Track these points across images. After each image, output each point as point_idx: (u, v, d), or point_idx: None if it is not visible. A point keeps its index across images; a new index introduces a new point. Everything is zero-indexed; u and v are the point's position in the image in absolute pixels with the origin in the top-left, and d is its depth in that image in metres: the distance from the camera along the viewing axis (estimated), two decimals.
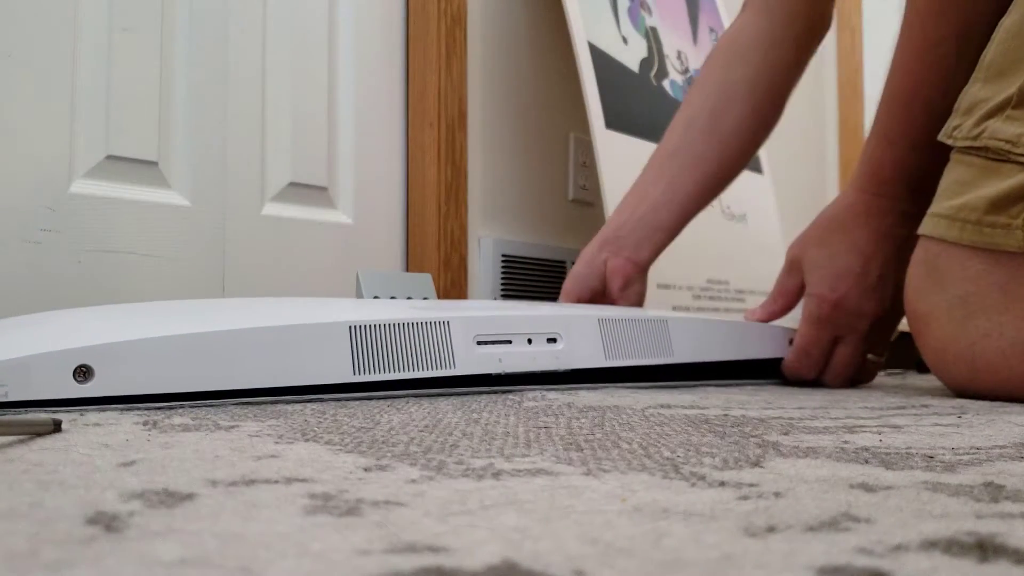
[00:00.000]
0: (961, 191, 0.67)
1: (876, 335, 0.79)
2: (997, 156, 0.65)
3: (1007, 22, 0.68)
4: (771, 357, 0.79)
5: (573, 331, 0.66)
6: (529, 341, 0.64)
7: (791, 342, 0.80)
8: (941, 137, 0.71)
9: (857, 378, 0.81)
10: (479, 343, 0.62)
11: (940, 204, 0.69)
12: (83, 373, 0.48)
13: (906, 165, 0.76)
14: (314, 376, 0.55)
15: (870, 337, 0.79)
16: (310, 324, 0.54)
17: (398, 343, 0.58)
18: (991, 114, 0.66)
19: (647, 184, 0.92)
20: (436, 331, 0.60)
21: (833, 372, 0.79)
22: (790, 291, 0.82)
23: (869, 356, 0.80)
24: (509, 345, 0.63)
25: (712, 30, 1.54)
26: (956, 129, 0.69)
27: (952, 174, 0.69)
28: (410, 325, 0.59)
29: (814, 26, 0.95)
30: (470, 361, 0.61)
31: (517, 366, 0.63)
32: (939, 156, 0.71)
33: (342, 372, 0.56)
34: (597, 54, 1.22)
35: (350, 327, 0.56)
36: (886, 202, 0.77)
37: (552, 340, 0.65)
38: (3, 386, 0.45)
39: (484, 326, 0.62)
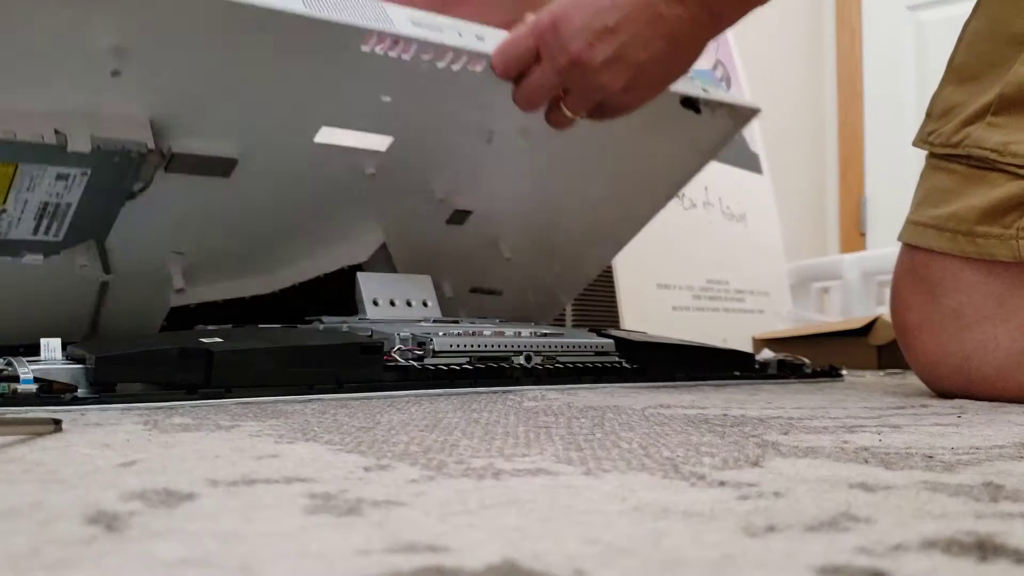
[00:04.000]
0: (945, 199, 0.66)
1: (576, 87, 0.71)
2: (981, 164, 0.65)
3: (973, 24, 0.67)
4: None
5: (499, 36, 0.72)
6: (459, 34, 0.70)
7: None
8: (915, 143, 0.70)
9: (547, 116, 0.74)
10: (414, 24, 0.68)
11: (923, 212, 0.68)
12: None
13: None
14: None
15: (566, 81, 0.71)
16: None
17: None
18: (970, 120, 0.65)
19: None
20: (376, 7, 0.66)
21: (521, 87, 0.72)
22: None
23: (564, 106, 0.73)
24: (443, 31, 0.70)
25: None
26: (933, 135, 0.68)
27: (931, 181, 0.68)
28: None
29: None
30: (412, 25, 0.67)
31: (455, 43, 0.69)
32: None
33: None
34: None
35: None
36: None
37: (480, 38, 0.71)
38: None
39: (420, 17, 0.69)
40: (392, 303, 0.78)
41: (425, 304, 0.80)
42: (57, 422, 0.39)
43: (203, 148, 0.64)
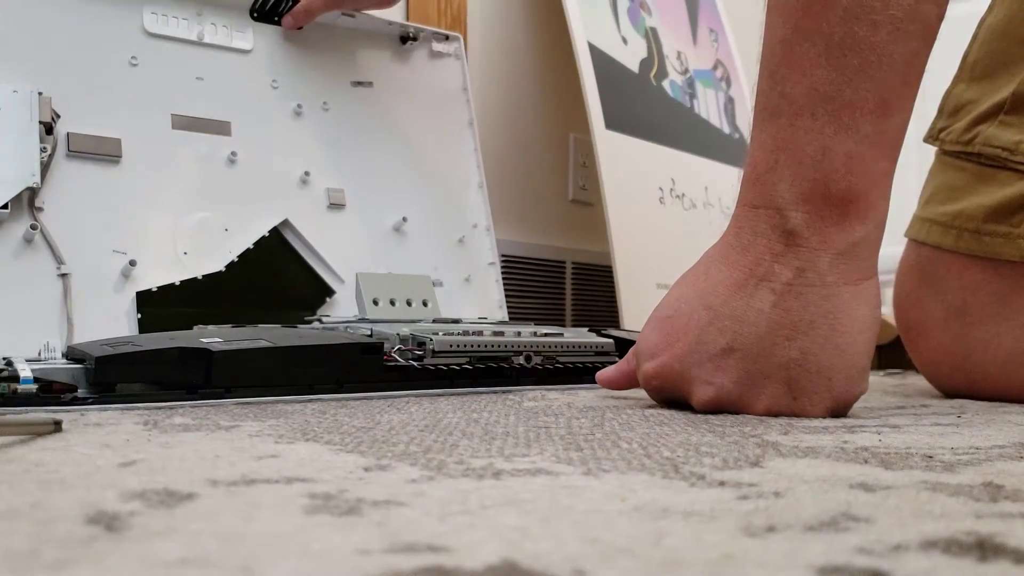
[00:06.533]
0: (954, 197, 0.66)
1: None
2: (992, 163, 0.64)
3: (989, 20, 0.67)
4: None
5: None
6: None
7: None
8: (926, 139, 0.70)
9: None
10: None
11: (931, 209, 0.68)
12: None
13: (789, 145, 0.49)
14: None
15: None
16: None
17: None
18: (982, 119, 0.65)
19: None
20: None
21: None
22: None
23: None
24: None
25: (712, 30, 1.54)
26: (944, 132, 0.68)
27: (941, 177, 0.68)
28: None
29: None
30: None
31: None
32: (850, 127, 0.49)
33: None
34: (597, 54, 1.22)
35: None
36: (762, 221, 0.49)
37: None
38: None
39: None
40: (392, 303, 0.78)
41: (425, 304, 0.80)
42: (57, 423, 0.39)
43: (90, 130, 0.75)
